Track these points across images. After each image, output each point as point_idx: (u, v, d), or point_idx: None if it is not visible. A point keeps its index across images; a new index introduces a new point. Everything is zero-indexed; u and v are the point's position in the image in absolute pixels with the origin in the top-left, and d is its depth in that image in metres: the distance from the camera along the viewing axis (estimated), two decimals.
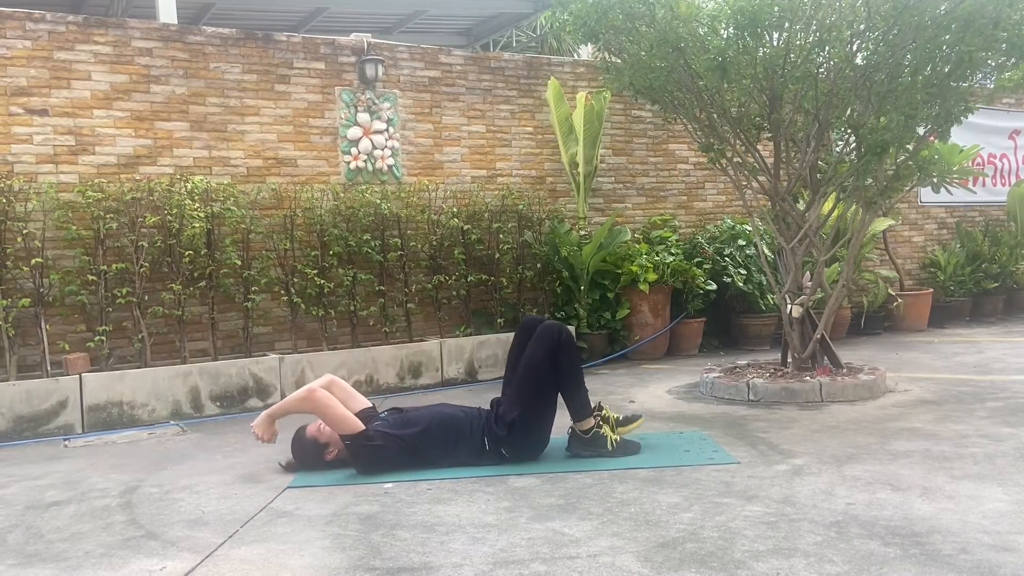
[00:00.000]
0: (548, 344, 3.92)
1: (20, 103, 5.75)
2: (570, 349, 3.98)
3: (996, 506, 3.02)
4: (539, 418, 3.94)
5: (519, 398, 3.94)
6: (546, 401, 3.95)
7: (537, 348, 3.95)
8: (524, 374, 3.98)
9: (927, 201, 10.07)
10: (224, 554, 2.90)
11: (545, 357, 3.92)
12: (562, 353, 3.92)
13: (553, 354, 3.91)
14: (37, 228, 5.59)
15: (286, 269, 6.34)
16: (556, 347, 3.91)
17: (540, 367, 3.93)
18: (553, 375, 3.92)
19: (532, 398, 3.92)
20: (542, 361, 3.92)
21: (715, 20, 5.16)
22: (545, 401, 3.94)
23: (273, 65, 6.62)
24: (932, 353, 7.27)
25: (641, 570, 2.57)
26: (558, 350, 3.91)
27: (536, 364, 3.94)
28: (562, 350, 3.92)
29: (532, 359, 3.96)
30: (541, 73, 7.88)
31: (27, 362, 5.60)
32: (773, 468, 3.69)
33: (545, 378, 3.92)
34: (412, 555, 2.79)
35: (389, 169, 7.05)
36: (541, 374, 3.92)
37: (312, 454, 3.99)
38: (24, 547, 3.08)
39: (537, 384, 3.93)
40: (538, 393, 3.93)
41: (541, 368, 3.92)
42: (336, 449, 3.96)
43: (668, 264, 7.42)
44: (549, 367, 3.91)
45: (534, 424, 3.93)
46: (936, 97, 5.06)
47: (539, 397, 3.93)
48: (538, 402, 3.92)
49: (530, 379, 3.95)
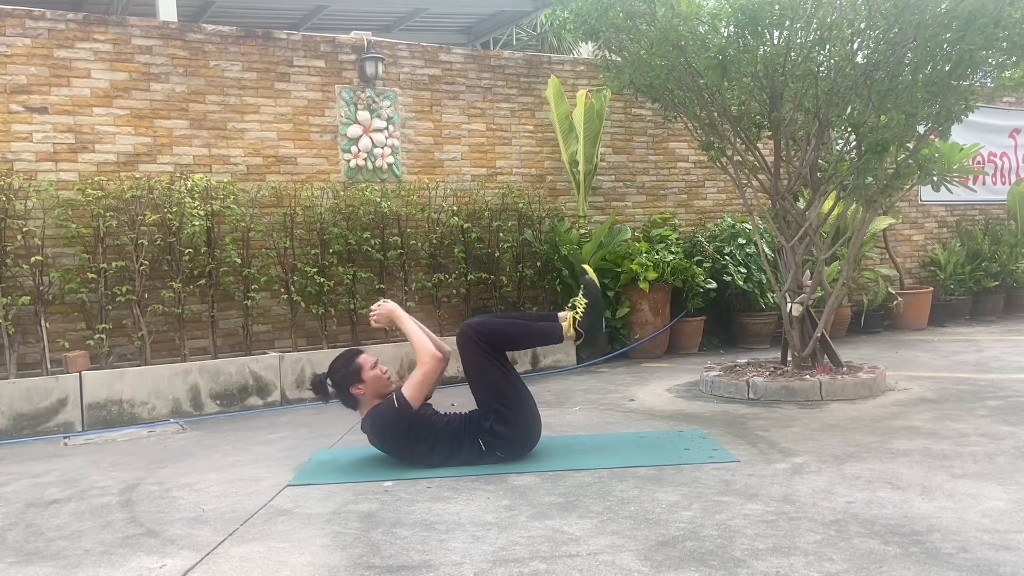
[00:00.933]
0: (467, 348, 3.92)
1: (20, 101, 5.75)
2: (482, 332, 3.94)
3: (996, 505, 3.02)
4: (513, 411, 3.92)
5: (486, 404, 3.95)
6: (509, 392, 3.94)
7: (464, 357, 3.95)
8: (472, 382, 3.99)
9: (927, 200, 10.07)
10: (224, 552, 2.90)
11: (473, 358, 3.92)
12: (483, 341, 3.91)
13: (477, 349, 3.91)
14: (37, 226, 5.59)
15: (286, 267, 6.34)
16: (472, 343, 3.90)
17: (476, 367, 3.94)
18: (495, 363, 3.92)
19: (494, 397, 3.92)
20: (474, 362, 3.93)
21: (716, 18, 5.15)
22: (508, 392, 3.93)
23: (273, 63, 6.62)
24: (932, 352, 7.27)
25: (641, 568, 2.57)
26: (479, 342, 3.90)
27: (472, 369, 3.95)
28: (481, 340, 3.91)
29: (467, 368, 3.97)
30: (541, 71, 7.88)
31: (27, 360, 5.60)
32: (773, 466, 3.69)
33: (488, 370, 3.92)
34: (412, 553, 2.79)
35: (389, 167, 7.05)
36: (482, 370, 3.93)
37: (348, 376, 3.90)
38: (24, 545, 3.08)
39: (486, 381, 3.94)
40: (496, 390, 3.93)
41: (477, 367, 3.93)
42: (369, 393, 3.90)
43: (668, 263, 7.42)
44: (486, 360, 3.91)
45: (511, 419, 3.91)
46: (937, 96, 5.05)
47: (499, 392, 3.93)
48: (502, 397, 3.92)
49: (478, 382, 3.96)
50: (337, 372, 3.94)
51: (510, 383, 3.96)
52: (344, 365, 3.94)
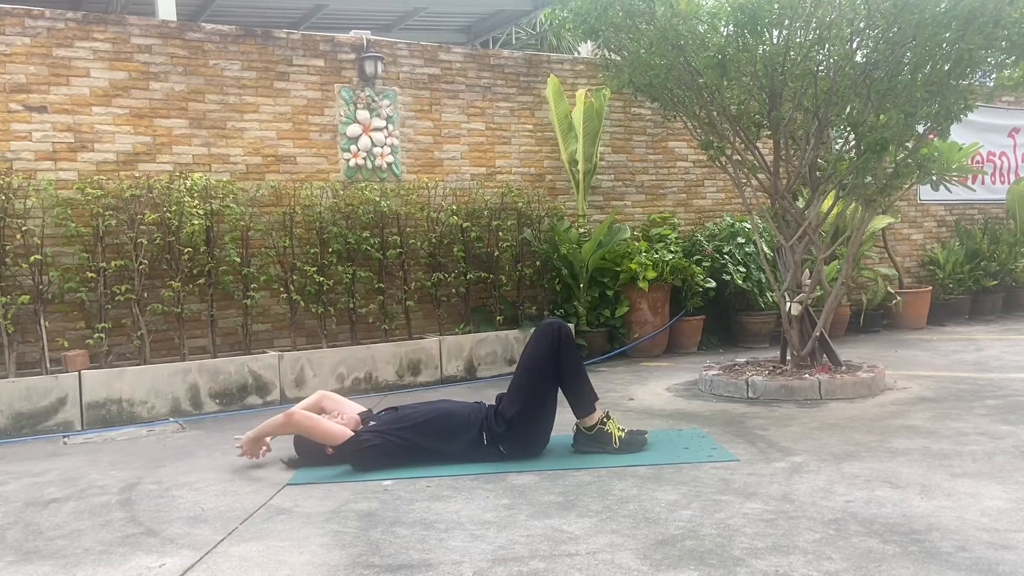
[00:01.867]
0: (547, 340, 3.93)
1: (19, 100, 5.75)
2: (569, 345, 3.97)
3: (995, 504, 3.03)
4: (538, 415, 3.94)
5: (519, 395, 3.94)
6: (545, 398, 3.95)
7: (536, 345, 3.96)
8: (523, 371, 3.99)
9: (926, 199, 10.07)
10: (223, 551, 2.90)
11: (544, 354, 3.92)
12: (562, 349, 3.93)
13: (553, 350, 3.91)
14: (36, 225, 5.59)
15: (285, 266, 6.34)
16: (555, 343, 3.92)
17: (539, 364, 3.94)
18: (553, 371, 3.93)
19: (531, 395, 3.92)
20: (541, 358, 3.93)
21: (715, 17, 5.15)
22: (544, 398, 3.94)
23: (272, 62, 6.62)
24: (931, 351, 7.27)
25: (640, 567, 2.57)
26: (558, 347, 3.92)
27: (535, 361, 3.95)
28: (562, 346, 3.93)
29: (531, 356, 3.97)
30: (541, 70, 7.87)
31: (26, 359, 5.59)
32: (772, 466, 3.69)
33: (544, 375, 3.92)
34: (411, 552, 2.79)
35: (388, 166, 7.05)
36: (540, 370, 3.93)
37: (314, 451, 4.00)
38: (23, 544, 3.08)
39: (536, 381, 3.93)
40: (537, 390, 3.93)
41: (540, 365, 3.93)
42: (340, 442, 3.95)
43: (667, 262, 7.42)
44: (548, 363, 3.92)
45: (533, 421, 3.93)
46: (936, 95, 5.06)
47: (538, 394, 3.93)
48: (537, 399, 3.92)
49: (529, 376, 3.96)
50: (310, 453, 4.01)
51: (551, 392, 3.98)
52: (308, 444, 4.00)
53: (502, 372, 6.81)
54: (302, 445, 4.05)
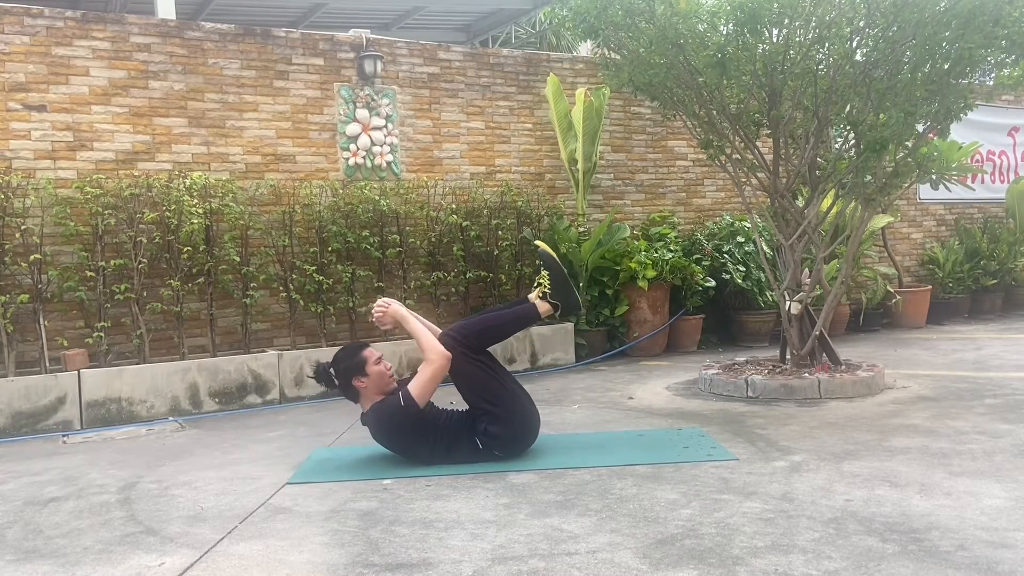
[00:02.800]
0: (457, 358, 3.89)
1: (18, 99, 5.74)
2: (460, 337, 3.95)
3: (994, 502, 3.03)
4: (505, 409, 3.92)
5: (474, 404, 3.96)
6: (493, 389, 3.93)
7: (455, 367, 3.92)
8: (460, 387, 4.00)
9: (926, 198, 10.07)
10: (223, 550, 2.90)
11: (458, 362, 3.90)
12: (462, 346, 3.91)
13: (462, 355, 3.90)
14: (35, 224, 5.59)
15: (285, 265, 6.34)
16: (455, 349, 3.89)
17: (462, 372, 3.93)
18: (479, 365, 3.93)
19: (481, 397, 3.92)
20: (460, 367, 3.91)
21: (715, 16, 5.15)
22: (492, 390, 3.93)
23: (272, 61, 6.61)
24: (931, 350, 7.27)
25: (640, 566, 2.57)
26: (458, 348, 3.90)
27: (458, 373, 3.94)
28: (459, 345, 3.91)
29: (453, 374, 3.95)
30: (540, 69, 7.87)
31: (26, 358, 5.59)
32: (771, 465, 3.69)
33: (473, 374, 3.93)
34: (411, 551, 2.79)
35: (388, 165, 7.05)
36: (467, 375, 3.93)
37: (352, 368, 3.90)
38: (23, 543, 3.08)
39: (472, 385, 3.94)
40: (480, 389, 3.93)
41: (463, 372, 3.93)
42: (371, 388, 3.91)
43: (667, 261, 7.42)
44: (472, 365, 3.92)
45: (505, 418, 3.91)
46: (935, 94, 5.05)
47: (484, 391, 3.93)
48: (488, 396, 3.92)
49: (465, 386, 3.97)
50: (341, 363, 3.95)
51: (497, 381, 3.96)
52: (348, 357, 3.96)
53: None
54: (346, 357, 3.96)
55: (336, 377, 3.94)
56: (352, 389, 3.93)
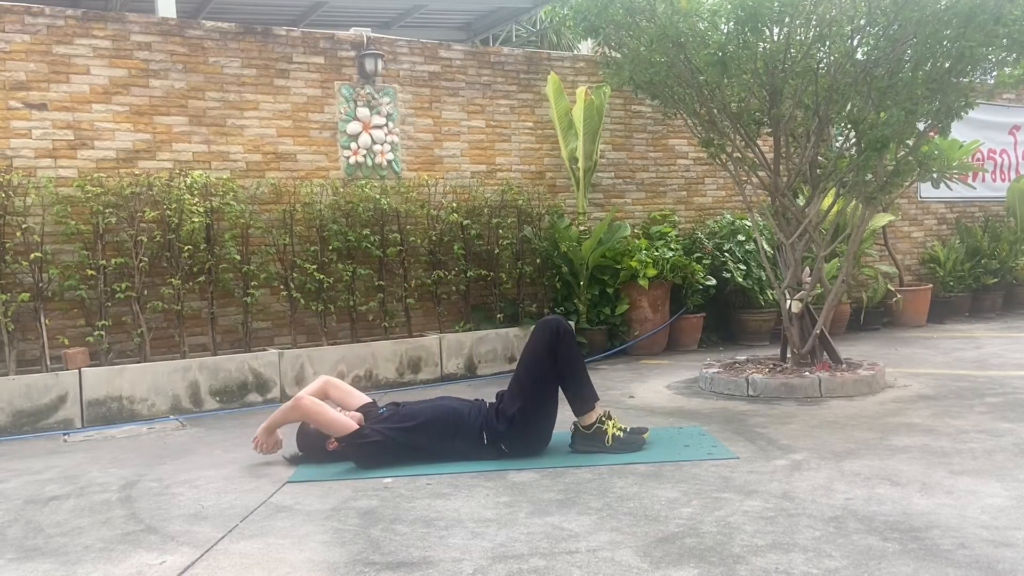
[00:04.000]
0: (546, 338, 3.92)
1: (19, 97, 5.74)
2: (569, 342, 3.96)
3: (995, 501, 3.03)
4: (538, 413, 3.94)
5: (519, 393, 3.93)
6: (545, 396, 3.94)
7: (535, 342, 3.96)
8: (523, 370, 3.99)
9: (927, 197, 10.07)
10: (224, 548, 2.90)
11: (543, 351, 3.91)
12: (561, 346, 3.91)
13: (552, 348, 3.90)
14: (36, 223, 5.59)
15: (285, 264, 6.34)
16: (555, 340, 3.91)
17: (538, 362, 3.93)
18: (552, 369, 3.92)
19: (531, 392, 3.92)
20: (540, 355, 3.92)
21: (715, 15, 5.15)
22: (544, 396, 3.93)
23: (272, 59, 6.61)
24: (931, 349, 7.27)
25: (640, 565, 2.57)
26: (557, 343, 3.91)
27: (534, 358, 3.94)
28: (561, 343, 3.91)
29: (530, 354, 3.97)
30: (541, 68, 7.87)
31: (26, 357, 5.59)
32: (772, 463, 3.69)
33: (544, 372, 3.92)
34: (411, 550, 2.79)
35: (388, 164, 7.04)
36: (540, 368, 3.92)
37: (315, 445, 4.01)
38: (24, 541, 3.08)
39: (536, 378, 3.93)
40: (537, 387, 3.92)
41: (539, 362, 3.92)
42: (336, 441, 3.97)
43: (668, 259, 7.42)
44: (548, 361, 3.91)
45: (533, 419, 3.92)
46: (936, 92, 5.05)
47: (538, 391, 3.92)
48: (537, 397, 3.92)
49: (528, 374, 3.95)
50: (311, 448, 4.04)
51: (551, 389, 3.96)
52: (309, 438, 4.05)
53: (502, 370, 6.81)
54: (304, 440, 4.06)
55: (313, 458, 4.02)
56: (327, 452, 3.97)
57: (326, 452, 3.96)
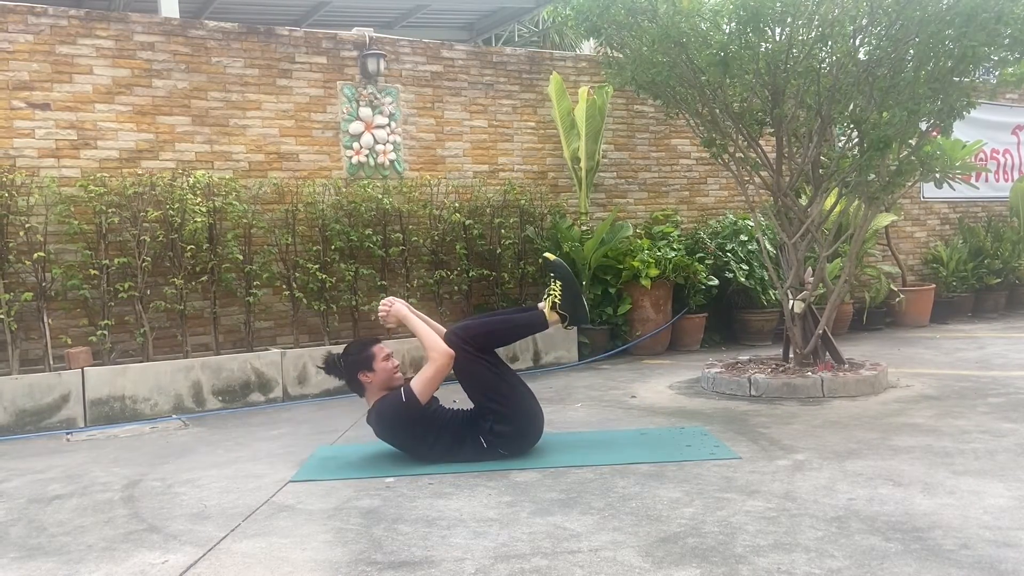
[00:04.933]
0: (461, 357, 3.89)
1: (22, 97, 5.75)
2: (468, 336, 3.94)
3: (997, 501, 3.02)
4: (507, 405, 3.92)
5: (479, 403, 3.96)
6: (499, 388, 3.93)
7: (460, 366, 3.92)
8: (465, 386, 4.00)
9: (929, 197, 10.05)
10: (226, 548, 2.90)
11: (464, 361, 3.90)
12: (469, 346, 3.90)
13: (467, 354, 3.89)
14: (39, 222, 5.60)
15: (288, 264, 6.35)
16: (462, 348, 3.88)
17: (467, 371, 3.93)
18: (481, 361, 3.92)
19: (486, 396, 3.93)
20: (465, 366, 3.91)
21: (717, 15, 5.15)
22: (499, 389, 3.93)
23: (275, 59, 6.61)
24: (934, 349, 7.26)
25: (642, 565, 2.57)
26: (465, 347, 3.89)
27: (463, 372, 3.94)
28: (467, 344, 3.90)
29: (458, 372, 3.95)
30: (543, 68, 7.87)
31: (29, 356, 5.60)
32: (774, 463, 3.69)
33: (478, 373, 3.93)
34: (413, 549, 2.80)
35: (391, 164, 7.05)
36: (473, 374, 3.93)
37: (360, 362, 3.93)
38: (26, 540, 3.09)
39: (478, 384, 3.94)
40: (486, 388, 3.93)
41: (469, 370, 3.93)
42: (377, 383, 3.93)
43: (670, 259, 7.42)
44: (473, 362, 3.91)
45: (507, 414, 3.91)
46: (939, 92, 5.04)
47: (490, 390, 3.93)
48: (493, 395, 3.92)
49: (471, 385, 3.97)
50: (350, 356, 3.99)
51: (503, 380, 3.97)
52: (358, 351, 4.00)
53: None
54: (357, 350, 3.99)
55: (345, 368, 3.97)
56: (358, 383, 3.96)
57: (356, 378, 3.92)
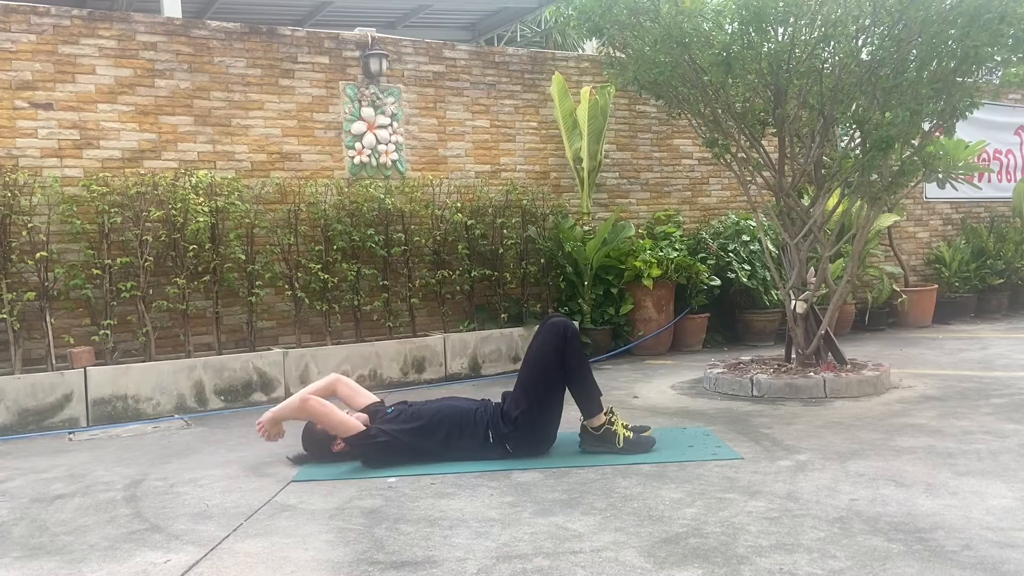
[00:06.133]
0: (554, 341, 3.91)
1: (25, 97, 5.76)
2: (575, 345, 3.95)
3: (1000, 502, 3.02)
4: (544, 414, 3.94)
5: (524, 394, 3.94)
6: (551, 397, 3.94)
7: (542, 343, 3.95)
8: (528, 370, 3.99)
9: (932, 197, 10.04)
10: (228, 547, 2.90)
11: (550, 353, 3.91)
12: (568, 350, 3.91)
13: (559, 351, 3.90)
14: (42, 222, 5.61)
15: (290, 264, 6.35)
16: (562, 343, 3.90)
17: (544, 363, 3.92)
18: (559, 370, 3.91)
19: (537, 394, 3.92)
20: (547, 357, 3.92)
21: (720, 15, 5.14)
22: (550, 397, 3.94)
23: (277, 59, 6.62)
24: (936, 349, 7.25)
25: (644, 565, 2.57)
26: (564, 346, 3.90)
27: (541, 359, 3.94)
28: (568, 346, 3.91)
29: (537, 354, 3.96)
30: (545, 68, 7.87)
31: (32, 356, 5.61)
32: (777, 464, 3.69)
33: (550, 373, 3.91)
34: (415, 549, 2.80)
35: (393, 164, 7.05)
36: (546, 369, 3.92)
37: (321, 446, 4.01)
38: (29, 540, 3.09)
39: (542, 379, 3.92)
40: (543, 389, 3.93)
41: (546, 363, 3.92)
42: (343, 442, 3.97)
43: (672, 259, 7.41)
44: (554, 363, 3.90)
45: (539, 420, 3.93)
46: (942, 92, 5.04)
47: (544, 393, 3.93)
48: (543, 398, 3.92)
49: (534, 374, 3.95)
50: (316, 448, 4.04)
51: (558, 390, 3.96)
52: (315, 439, 4.04)
53: (506, 369, 6.82)
54: (310, 440, 4.06)
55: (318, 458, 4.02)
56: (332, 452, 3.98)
57: (331, 452, 3.97)
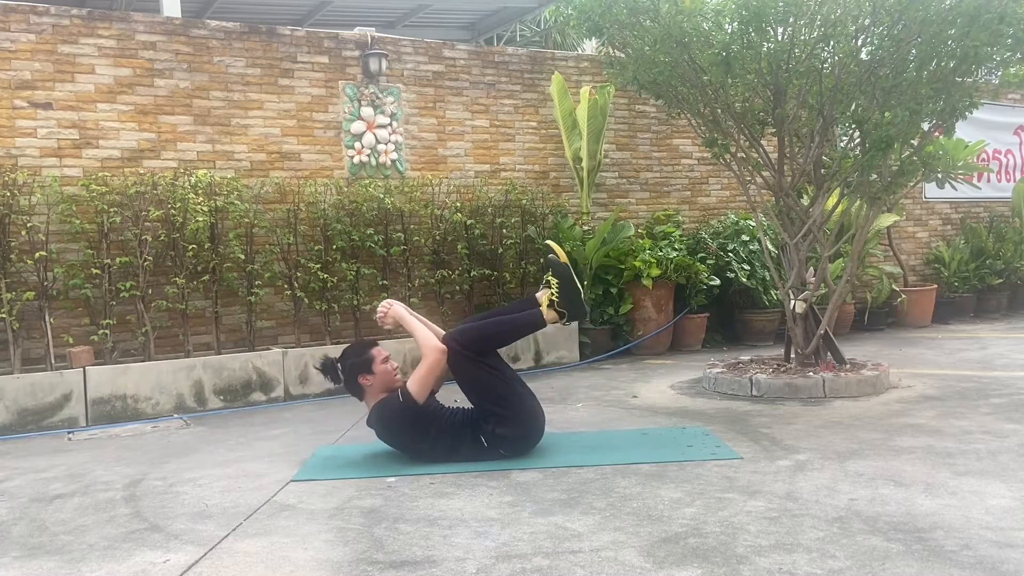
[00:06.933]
0: (456, 359, 3.91)
1: (24, 96, 5.76)
2: (467, 342, 3.95)
3: (999, 502, 3.02)
4: (508, 408, 3.92)
5: (481, 406, 3.96)
6: (500, 391, 3.93)
7: (454, 368, 3.94)
8: (466, 391, 4.00)
9: (932, 197, 10.04)
10: (227, 547, 2.90)
11: (464, 367, 3.92)
12: (469, 351, 3.91)
13: (467, 359, 3.91)
14: (41, 222, 5.60)
15: (289, 263, 6.35)
16: (462, 353, 3.90)
17: (468, 376, 3.94)
18: (483, 366, 3.92)
19: (487, 399, 3.93)
20: (465, 371, 3.93)
21: (719, 15, 5.14)
22: (499, 392, 3.93)
23: (277, 59, 6.62)
24: (936, 349, 7.26)
25: (643, 565, 2.57)
26: (464, 353, 3.90)
27: (464, 377, 3.95)
28: (466, 350, 3.92)
29: (459, 378, 3.97)
30: (545, 68, 7.87)
31: (31, 355, 5.61)
32: (776, 463, 3.69)
33: (480, 378, 3.93)
34: (415, 549, 2.80)
35: (392, 163, 7.05)
36: (474, 379, 3.94)
37: (359, 365, 3.94)
38: (28, 539, 3.09)
39: (479, 388, 3.94)
40: (487, 392, 3.93)
41: (469, 375, 3.93)
42: (376, 386, 3.93)
43: (671, 259, 7.41)
44: (474, 368, 3.92)
45: (509, 415, 3.92)
46: (941, 92, 5.04)
47: (491, 393, 3.93)
48: (494, 398, 3.92)
49: (472, 390, 3.97)
50: (348, 359, 3.99)
51: (503, 383, 3.96)
52: (356, 354, 4.00)
53: None
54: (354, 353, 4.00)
55: (342, 373, 3.97)
56: (357, 386, 3.96)
57: (356, 382, 3.93)
